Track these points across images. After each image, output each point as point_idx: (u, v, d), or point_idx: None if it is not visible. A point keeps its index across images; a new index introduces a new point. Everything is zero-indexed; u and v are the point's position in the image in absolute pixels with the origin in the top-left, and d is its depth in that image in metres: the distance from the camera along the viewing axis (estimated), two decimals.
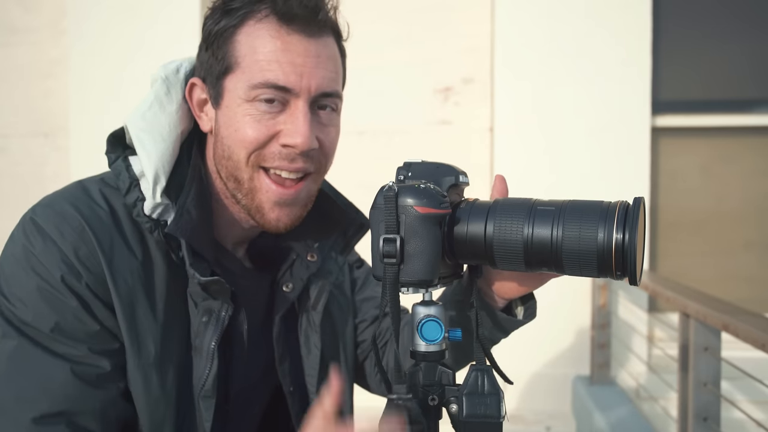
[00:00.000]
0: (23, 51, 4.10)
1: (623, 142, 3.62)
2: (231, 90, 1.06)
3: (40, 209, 1.04)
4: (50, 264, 0.99)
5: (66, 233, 1.01)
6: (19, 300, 0.99)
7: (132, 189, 1.05)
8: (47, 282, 0.99)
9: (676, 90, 3.82)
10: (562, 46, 3.65)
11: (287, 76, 1.04)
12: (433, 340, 0.95)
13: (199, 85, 1.11)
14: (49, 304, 0.98)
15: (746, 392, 3.27)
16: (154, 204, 1.04)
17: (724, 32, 3.82)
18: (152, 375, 1.03)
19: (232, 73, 1.06)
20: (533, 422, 3.66)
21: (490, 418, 0.93)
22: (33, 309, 0.98)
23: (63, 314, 0.99)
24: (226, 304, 1.07)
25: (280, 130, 1.06)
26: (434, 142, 3.88)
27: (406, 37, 3.83)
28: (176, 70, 1.14)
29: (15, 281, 1.00)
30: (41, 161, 4.09)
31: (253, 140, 1.05)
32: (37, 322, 0.98)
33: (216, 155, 1.11)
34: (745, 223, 3.85)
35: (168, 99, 1.11)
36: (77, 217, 1.02)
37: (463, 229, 0.95)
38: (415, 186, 0.93)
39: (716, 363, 2.18)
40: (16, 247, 1.02)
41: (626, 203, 0.89)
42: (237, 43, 1.05)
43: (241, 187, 1.09)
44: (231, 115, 1.06)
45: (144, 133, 1.07)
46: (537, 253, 0.91)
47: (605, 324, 3.44)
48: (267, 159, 1.07)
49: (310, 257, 1.22)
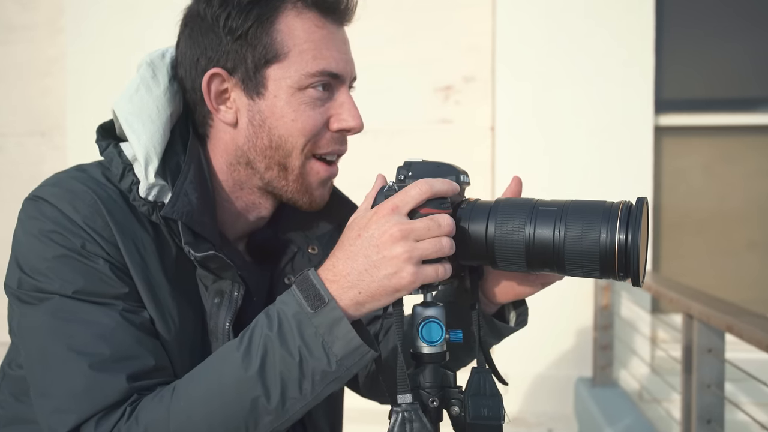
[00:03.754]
0: (20, 49, 4.09)
1: (626, 142, 3.61)
2: (278, 79, 1.07)
3: (47, 188, 1.04)
4: (69, 233, 0.99)
5: (79, 207, 1.01)
6: (41, 273, 0.98)
7: (126, 174, 1.05)
8: (68, 249, 0.99)
9: (679, 89, 3.81)
10: (564, 44, 3.63)
11: (338, 64, 1.09)
12: (434, 342, 0.95)
13: (223, 76, 1.08)
14: (74, 269, 0.98)
15: (750, 394, 3.26)
16: (148, 185, 1.03)
17: (728, 31, 3.81)
18: (174, 351, 1.03)
19: (278, 62, 1.06)
20: (535, 424, 3.65)
21: (492, 420, 0.95)
22: (58, 277, 0.98)
23: (89, 277, 0.98)
24: (236, 283, 1.07)
25: (331, 115, 1.10)
26: (435, 141, 3.86)
27: (406, 36, 3.82)
28: (162, 55, 1.14)
29: (34, 256, 0.99)
30: (38, 160, 4.08)
31: (313, 127, 1.08)
32: (65, 289, 0.97)
33: (250, 146, 1.10)
34: (748, 223, 3.83)
35: (155, 82, 1.10)
36: (89, 192, 1.03)
37: (464, 230, 0.94)
38: None
39: (720, 364, 2.17)
40: (29, 226, 1.01)
41: (629, 203, 0.88)
42: (279, 33, 1.06)
43: (289, 174, 1.11)
44: (282, 104, 1.07)
45: (132, 116, 1.06)
46: (539, 253, 0.90)
47: (608, 325, 3.43)
48: (321, 146, 1.11)
49: (311, 250, 1.23)
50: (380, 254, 0.90)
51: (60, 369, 0.95)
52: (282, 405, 0.92)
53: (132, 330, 0.98)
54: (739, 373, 2.17)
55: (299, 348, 0.91)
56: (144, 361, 0.97)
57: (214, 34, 1.07)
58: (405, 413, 0.91)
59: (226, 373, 0.92)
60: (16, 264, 1.02)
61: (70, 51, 3.83)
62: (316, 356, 0.91)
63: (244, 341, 0.94)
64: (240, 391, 0.91)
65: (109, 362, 0.95)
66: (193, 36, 1.10)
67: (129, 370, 0.95)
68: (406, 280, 0.89)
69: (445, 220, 0.91)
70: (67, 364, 0.95)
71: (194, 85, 1.10)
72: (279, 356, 0.91)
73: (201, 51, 1.09)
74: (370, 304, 0.92)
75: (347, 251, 0.93)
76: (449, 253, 0.91)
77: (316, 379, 0.91)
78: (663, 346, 3.49)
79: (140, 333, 0.99)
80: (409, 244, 0.89)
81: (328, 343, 0.91)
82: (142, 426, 0.92)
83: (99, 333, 0.96)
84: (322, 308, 0.91)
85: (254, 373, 0.91)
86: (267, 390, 0.91)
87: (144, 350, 0.98)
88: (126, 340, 0.97)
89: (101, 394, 0.94)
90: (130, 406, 0.94)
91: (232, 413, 0.92)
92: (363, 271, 0.91)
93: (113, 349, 0.95)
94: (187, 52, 1.11)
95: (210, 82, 1.08)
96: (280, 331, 0.92)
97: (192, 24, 1.10)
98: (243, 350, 0.92)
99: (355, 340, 0.91)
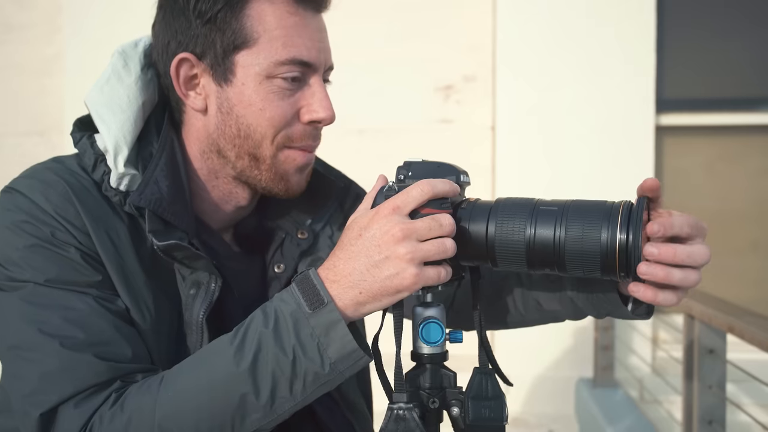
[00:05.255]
0: (18, 48, 4.09)
1: (627, 141, 3.61)
2: (247, 66, 1.03)
3: (22, 180, 1.04)
4: (39, 223, 0.98)
5: (51, 197, 1.00)
6: (13, 263, 0.97)
7: (98, 165, 1.04)
8: (39, 238, 0.97)
9: (681, 88, 3.81)
10: (565, 44, 3.63)
11: (309, 52, 1.05)
12: (434, 342, 0.95)
13: (192, 61, 1.05)
14: (45, 258, 0.97)
15: (752, 395, 3.25)
16: (118, 175, 1.02)
17: (729, 30, 3.81)
18: (151, 341, 1.01)
19: (247, 48, 1.03)
20: (536, 425, 3.64)
21: (494, 421, 0.95)
22: (30, 266, 0.96)
23: (62, 266, 0.97)
24: (213, 275, 1.04)
25: (302, 106, 1.07)
26: (435, 140, 3.85)
27: (406, 35, 3.82)
28: (134, 44, 1.11)
29: (6, 246, 0.98)
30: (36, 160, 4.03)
31: (281, 118, 1.05)
32: (37, 278, 0.96)
33: (220, 134, 1.08)
34: (750, 223, 3.83)
35: (126, 71, 1.08)
36: (62, 183, 1.02)
37: (465, 230, 0.94)
38: None
39: (721, 365, 2.16)
40: (2, 218, 1.00)
41: (630, 203, 0.88)
42: (249, 18, 1.02)
43: (261, 164, 1.08)
44: (249, 92, 1.04)
45: (102, 107, 1.05)
46: (539, 253, 0.90)
47: (609, 326, 3.42)
48: (294, 139, 1.08)
49: (300, 235, 1.20)
50: (382, 254, 0.89)
51: (33, 352, 0.94)
52: (271, 403, 0.90)
53: (108, 316, 0.97)
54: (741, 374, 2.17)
55: (294, 347, 0.89)
56: (121, 347, 0.96)
57: (184, 18, 1.04)
58: (399, 411, 0.91)
59: (217, 367, 0.91)
60: None
61: (68, 50, 3.83)
62: (310, 357, 0.89)
63: (238, 336, 0.92)
64: (229, 386, 0.90)
65: (84, 345, 0.93)
66: (165, 19, 1.07)
67: (105, 354, 0.94)
68: (408, 281, 0.88)
69: (447, 220, 0.90)
70: (41, 347, 0.93)
71: (165, 69, 1.08)
72: (272, 354, 0.89)
73: (172, 34, 1.06)
74: (370, 304, 0.91)
75: (348, 251, 0.91)
76: (452, 255, 0.90)
77: (307, 380, 0.90)
78: (664, 347, 3.49)
79: (116, 319, 0.97)
80: (412, 245, 0.88)
81: (324, 344, 0.89)
82: (126, 413, 0.91)
83: (73, 317, 0.95)
84: (321, 309, 0.90)
85: (245, 368, 0.89)
86: (257, 387, 0.90)
87: (120, 336, 0.96)
88: (101, 325, 0.95)
89: (77, 375, 0.92)
90: (116, 392, 0.93)
91: (220, 408, 0.90)
92: (364, 271, 0.90)
93: (87, 333, 0.94)
94: (160, 36, 1.08)
95: (179, 66, 1.05)
96: (276, 329, 0.90)
97: (165, 6, 1.07)
98: (236, 345, 0.91)
99: (351, 345, 0.90)
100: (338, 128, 1.32)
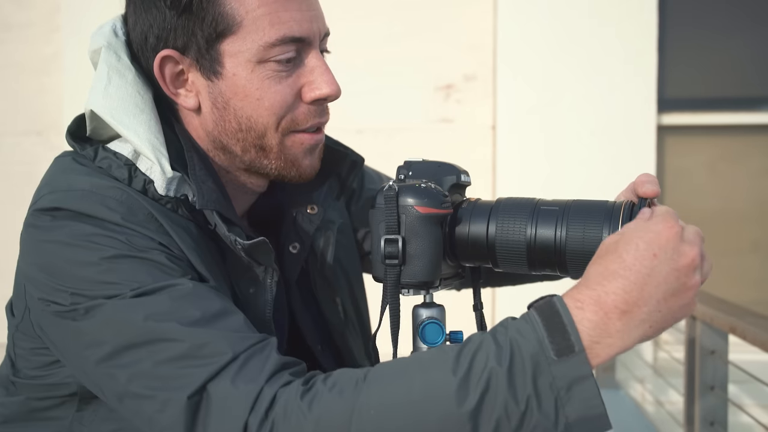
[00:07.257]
0: (16, 47, 4.08)
1: (628, 141, 3.60)
2: (234, 54, 0.95)
3: (60, 196, 0.92)
4: (110, 233, 0.88)
5: (112, 206, 0.90)
6: (87, 281, 0.86)
7: (134, 175, 0.94)
8: (114, 248, 0.87)
9: (682, 88, 3.80)
10: (566, 43, 3.62)
11: (301, 25, 0.95)
12: (435, 343, 0.95)
13: (176, 58, 0.96)
14: (130, 267, 0.87)
15: (754, 396, 3.25)
16: (167, 180, 0.94)
17: (731, 29, 3.80)
18: None
19: (231, 35, 0.94)
20: None
21: None
22: (115, 276, 0.86)
23: (149, 270, 0.87)
24: (270, 269, 0.99)
25: (303, 84, 0.98)
26: (435, 140, 3.85)
27: (407, 34, 3.81)
28: (113, 32, 1.00)
29: (73, 267, 0.87)
30: (34, 159, 4.06)
31: (282, 103, 0.97)
32: (122, 289, 0.85)
33: (220, 131, 0.99)
34: (752, 222, 3.82)
35: (123, 65, 0.98)
36: (114, 187, 0.92)
37: (465, 230, 0.94)
38: (416, 185, 0.93)
39: (723, 366, 2.17)
40: (50, 242, 0.90)
41: (631, 203, 0.89)
42: (227, 0, 0.93)
43: (269, 154, 1.00)
44: (242, 83, 0.95)
45: (118, 111, 0.95)
46: (540, 253, 0.90)
47: None
48: (299, 122, 0.99)
49: (310, 210, 1.13)
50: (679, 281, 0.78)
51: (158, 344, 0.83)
52: None
53: (213, 292, 0.89)
54: (743, 375, 2.17)
55: (528, 398, 0.75)
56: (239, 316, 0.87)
57: (156, 9, 0.95)
58: None
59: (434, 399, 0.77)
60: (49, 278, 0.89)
61: (66, 49, 3.82)
62: (544, 412, 0.75)
63: (461, 364, 0.77)
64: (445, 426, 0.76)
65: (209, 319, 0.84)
66: (137, 11, 0.98)
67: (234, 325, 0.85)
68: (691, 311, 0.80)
69: None
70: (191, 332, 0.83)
71: (148, 66, 0.98)
72: (501, 399, 0.75)
73: (147, 28, 0.97)
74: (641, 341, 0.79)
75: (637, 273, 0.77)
76: None
77: None
78: (666, 348, 3.48)
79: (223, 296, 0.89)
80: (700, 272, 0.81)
81: (563, 400, 0.75)
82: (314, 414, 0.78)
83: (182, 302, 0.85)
84: (569, 358, 0.75)
85: (468, 411, 0.75)
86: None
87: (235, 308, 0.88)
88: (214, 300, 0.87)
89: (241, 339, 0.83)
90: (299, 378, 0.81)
91: None
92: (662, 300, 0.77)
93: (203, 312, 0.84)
94: (136, 29, 0.99)
95: (162, 65, 0.97)
96: (511, 370, 0.75)
97: None
98: (461, 377, 0.76)
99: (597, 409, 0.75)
100: (338, 128, 1.31)
